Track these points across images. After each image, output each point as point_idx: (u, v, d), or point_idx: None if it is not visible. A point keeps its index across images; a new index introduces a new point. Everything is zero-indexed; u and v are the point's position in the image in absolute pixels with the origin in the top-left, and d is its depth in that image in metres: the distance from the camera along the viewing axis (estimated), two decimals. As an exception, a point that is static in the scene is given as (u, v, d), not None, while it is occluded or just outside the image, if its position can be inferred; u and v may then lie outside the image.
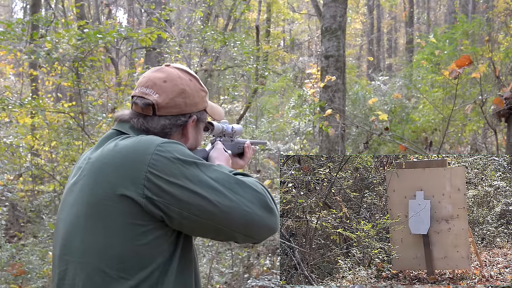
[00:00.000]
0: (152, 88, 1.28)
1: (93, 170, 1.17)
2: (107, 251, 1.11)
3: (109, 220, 1.12)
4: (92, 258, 1.12)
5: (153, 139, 1.18)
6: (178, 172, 1.12)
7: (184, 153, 1.17)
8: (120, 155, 1.15)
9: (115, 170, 1.14)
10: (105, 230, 1.12)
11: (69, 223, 1.19)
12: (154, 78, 1.30)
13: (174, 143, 1.18)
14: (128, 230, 1.11)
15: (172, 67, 1.34)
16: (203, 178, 1.14)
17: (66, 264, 1.17)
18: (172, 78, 1.30)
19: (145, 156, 1.13)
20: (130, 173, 1.12)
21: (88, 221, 1.14)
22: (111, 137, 1.25)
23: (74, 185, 1.22)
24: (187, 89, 1.31)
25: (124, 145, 1.18)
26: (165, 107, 1.27)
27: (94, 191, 1.14)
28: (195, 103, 1.32)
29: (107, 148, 1.20)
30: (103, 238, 1.12)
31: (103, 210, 1.12)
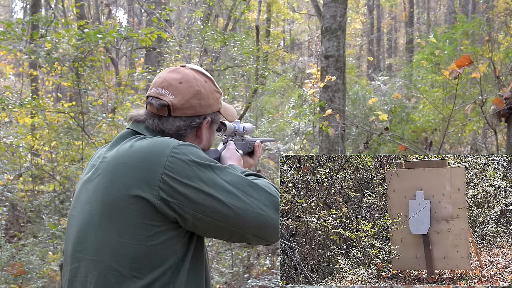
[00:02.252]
0: (168, 89, 1.28)
1: (109, 169, 1.18)
2: (121, 250, 1.12)
3: (123, 220, 1.12)
4: (105, 256, 1.13)
5: (169, 141, 1.18)
6: (193, 175, 1.13)
7: (200, 155, 1.17)
8: (136, 156, 1.16)
9: (131, 171, 1.14)
10: (119, 229, 1.12)
11: (82, 220, 1.20)
12: (170, 79, 1.30)
13: (190, 146, 1.19)
14: (141, 230, 1.11)
15: (188, 68, 1.34)
16: (217, 181, 1.15)
17: (78, 261, 1.18)
18: (188, 79, 1.30)
19: (161, 158, 1.13)
20: (145, 175, 1.12)
21: (102, 219, 1.15)
22: (126, 137, 1.26)
23: (88, 183, 1.22)
24: (202, 90, 1.31)
25: (140, 146, 1.18)
26: (180, 108, 1.27)
27: (109, 190, 1.15)
28: (210, 105, 1.33)
29: (123, 148, 1.20)
30: (117, 237, 1.12)
31: (118, 209, 1.13)
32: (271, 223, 1.18)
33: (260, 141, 1.68)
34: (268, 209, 1.18)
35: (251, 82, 8.32)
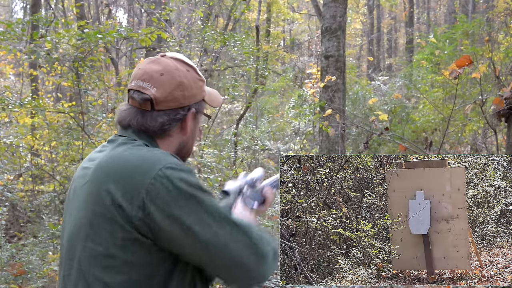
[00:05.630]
0: (149, 81, 1.22)
1: (96, 177, 1.15)
2: (107, 262, 1.10)
3: (110, 232, 1.10)
4: (92, 268, 1.11)
5: (159, 160, 1.13)
6: (172, 203, 1.09)
7: (186, 181, 1.12)
8: (123, 169, 1.13)
9: (116, 183, 1.11)
10: (106, 241, 1.10)
11: (73, 226, 1.18)
12: (151, 70, 1.24)
13: (177, 170, 1.13)
14: (128, 244, 1.09)
15: (168, 58, 1.28)
16: (198, 214, 1.10)
17: (70, 269, 1.17)
18: (169, 70, 1.24)
19: (145, 178, 1.09)
20: (129, 190, 1.10)
21: (90, 229, 1.13)
22: (115, 141, 1.23)
23: (79, 188, 1.20)
24: (185, 81, 1.25)
25: (128, 159, 1.15)
26: (163, 101, 1.22)
27: (97, 199, 1.12)
28: (194, 95, 1.27)
29: (112, 155, 1.18)
30: (104, 249, 1.10)
31: (104, 221, 1.10)
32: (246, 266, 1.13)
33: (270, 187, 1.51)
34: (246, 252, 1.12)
35: (251, 82, 8.33)
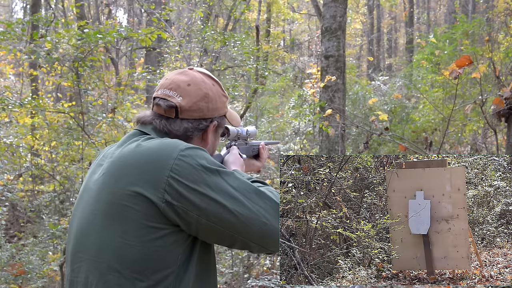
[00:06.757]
0: (176, 90, 1.27)
1: (114, 169, 1.17)
2: (122, 251, 1.11)
3: (126, 221, 1.11)
4: (106, 257, 1.12)
5: (177, 143, 1.17)
6: (199, 179, 1.12)
7: (207, 159, 1.16)
8: (143, 157, 1.15)
9: (137, 171, 1.13)
10: (121, 230, 1.11)
11: (84, 220, 1.18)
12: (178, 80, 1.29)
13: (198, 149, 1.17)
14: (144, 232, 1.10)
15: (196, 71, 1.34)
16: (224, 187, 1.14)
17: (80, 261, 1.17)
18: (196, 82, 1.30)
19: (168, 160, 1.12)
20: (151, 176, 1.11)
21: (105, 219, 1.13)
22: (133, 137, 1.25)
23: (92, 182, 1.21)
24: (210, 93, 1.31)
25: (147, 147, 1.17)
26: (188, 110, 1.26)
27: (113, 189, 1.14)
28: (217, 108, 1.32)
29: (128, 148, 1.19)
30: (119, 238, 1.11)
31: (121, 209, 1.12)
32: (275, 233, 1.17)
33: (264, 144, 1.66)
34: (272, 219, 1.16)
35: (251, 82, 8.32)
